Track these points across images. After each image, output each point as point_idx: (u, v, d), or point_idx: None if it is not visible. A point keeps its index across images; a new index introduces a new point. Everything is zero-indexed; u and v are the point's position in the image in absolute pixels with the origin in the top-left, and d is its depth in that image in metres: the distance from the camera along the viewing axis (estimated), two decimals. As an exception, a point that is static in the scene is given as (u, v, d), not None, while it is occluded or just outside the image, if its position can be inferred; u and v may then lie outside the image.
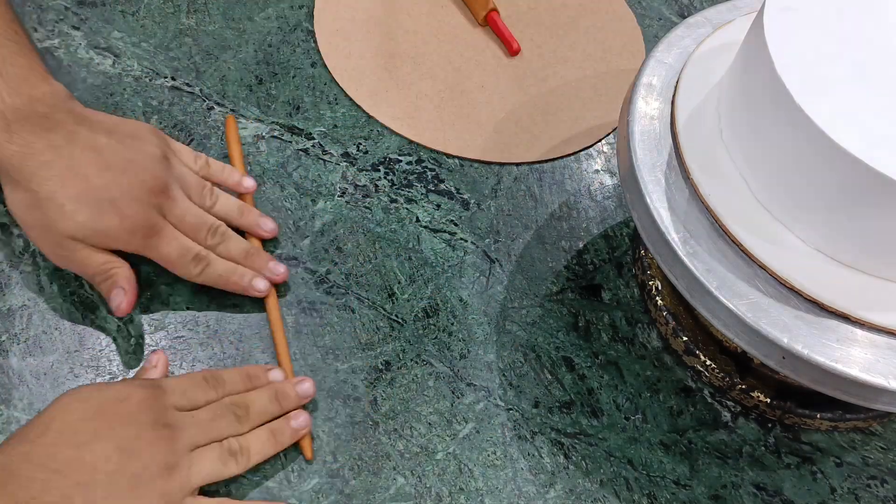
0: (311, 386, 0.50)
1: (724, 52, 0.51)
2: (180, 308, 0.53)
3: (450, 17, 0.72)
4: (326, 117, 0.64)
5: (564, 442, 0.52)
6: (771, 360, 0.44)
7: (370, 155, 0.63)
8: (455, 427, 0.52)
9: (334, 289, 0.56)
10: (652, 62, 0.53)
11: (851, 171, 0.40)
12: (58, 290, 0.53)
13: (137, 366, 0.51)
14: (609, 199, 0.64)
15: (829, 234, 0.44)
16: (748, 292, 0.44)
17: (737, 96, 0.47)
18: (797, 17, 0.45)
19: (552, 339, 0.56)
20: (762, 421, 0.55)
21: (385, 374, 0.53)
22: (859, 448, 0.55)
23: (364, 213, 0.60)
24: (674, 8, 0.77)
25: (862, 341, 0.43)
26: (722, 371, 0.55)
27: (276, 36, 0.68)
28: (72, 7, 0.65)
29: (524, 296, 0.58)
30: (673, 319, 0.56)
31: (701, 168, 0.47)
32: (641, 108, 0.50)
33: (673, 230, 0.46)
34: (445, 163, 0.63)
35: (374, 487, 0.49)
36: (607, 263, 0.60)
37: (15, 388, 0.49)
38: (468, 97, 0.67)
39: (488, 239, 0.60)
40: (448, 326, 0.56)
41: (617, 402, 0.55)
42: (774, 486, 0.53)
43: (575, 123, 0.67)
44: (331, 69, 0.66)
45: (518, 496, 0.50)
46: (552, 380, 0.55)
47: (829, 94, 0.41)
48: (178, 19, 0.67)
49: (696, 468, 0.53)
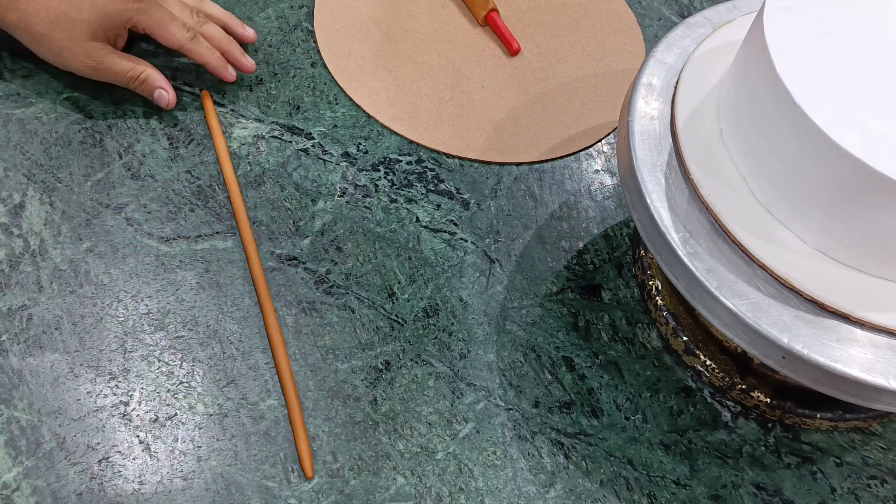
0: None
1: (724, 52, 0.51)
2: (180, 308, 0.53)
3: (450, 17, 0.72)
4: (326, 117, 0.64)
5: (564, 442, 0.53)
6: (771, 360, 0.44)
7: (370, 155, 0.63)
8: (455, 427, 0.52)
9: (334, 289, 0.56)
10: (652, 62, 0.53)
11: (851, 171, 0.40)
12: (58, 290, 0.53)
13: (138, 366, 0.51)
14: (609, 199, 0.64)
15: (829, 234, 0.44)
16: (748, 292, 0.44)
17: (737, 96, 0.47)
18: (797, 17, 0.45)
19: (552, 339, 0.56)
20: (762, 421, 0.55)
21: (385, 374, 0.53)
22: (859, 448, 0.55)
23: (364, 213, 0.60)
24: (674, 8, 0.77)
25: (862, 341, 0.43)
26: (722, 371, 0.55)
27: (276, 36, 0.68)
28: (72, 7, 0.65)
29: (524, 296, 0.58)
30: (673, 319, 0.56)
31: (701, 168, 0.47)
32: (641, 108, 0.50)
33: (673, 230, 0.46)
34: (445, 163, 0.63)
35: (374, 487, 0.49)
36: (607, 263, 0.61)
37: (15, 388, 0.49)
38: (468, 97, 0.67)
39: (488, 239, 0.60)
40: (448, 326, 0.56)
41: (617, 402, 0.55)
42: (774, 486, 0.53)
43: (575, 123, 0.67)
44: (331, 69, 0.66)
45: (518, 496, 0.50)
46: (552, 380, 0.55)
47: (829, 94, 0.41)
48: (178, 19, 0.67)
49: (696, 468, 0.53)
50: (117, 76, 0.58)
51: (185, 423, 0.49)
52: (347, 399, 0.52)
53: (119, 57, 0.58)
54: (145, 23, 0.58)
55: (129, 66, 0.58)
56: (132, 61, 0.58)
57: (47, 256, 0.54)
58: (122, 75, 0.58)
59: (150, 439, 0.49)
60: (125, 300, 0.53)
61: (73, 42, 0.56)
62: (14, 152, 0.57)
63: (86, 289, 0.53)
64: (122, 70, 0.58)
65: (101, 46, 0.57)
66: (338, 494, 0.48)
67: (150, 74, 0.58)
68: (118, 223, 0.56)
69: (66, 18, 0.55)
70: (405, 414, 0.52)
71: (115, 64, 0.57)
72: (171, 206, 0.57)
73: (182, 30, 0.59)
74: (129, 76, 0.58)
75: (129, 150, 0.59)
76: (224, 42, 0.62)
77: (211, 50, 0.60)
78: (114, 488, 0.47)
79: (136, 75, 0.58)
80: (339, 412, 0.51)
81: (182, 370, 0.51)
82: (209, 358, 0.52)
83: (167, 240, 0.56)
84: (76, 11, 0.55)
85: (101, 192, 0.57)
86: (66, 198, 0.56)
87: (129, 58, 0.58)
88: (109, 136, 0.59)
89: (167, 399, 0.50)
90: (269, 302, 0.54)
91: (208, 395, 0.51)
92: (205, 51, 0.60)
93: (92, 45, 0.56)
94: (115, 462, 0.48)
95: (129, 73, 0.58)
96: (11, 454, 0.47)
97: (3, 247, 0.54)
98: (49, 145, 0.58)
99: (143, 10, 0.57)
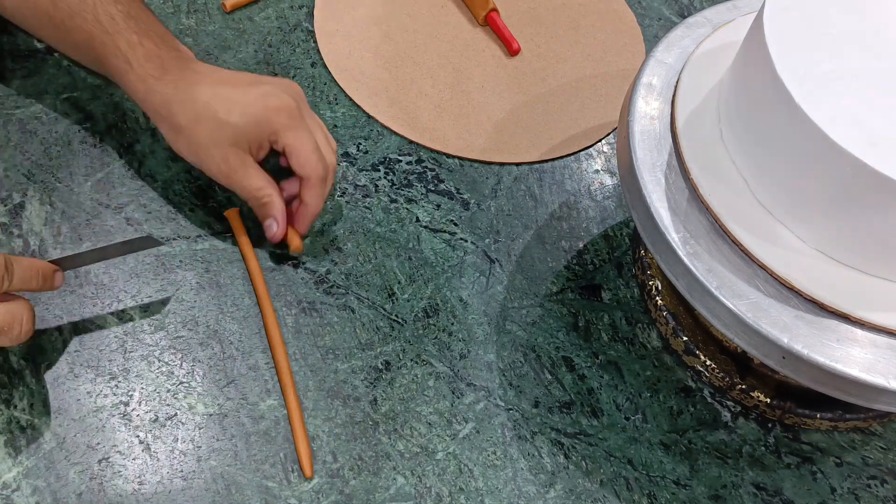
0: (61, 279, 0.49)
1: (724, 52, 0.51)
2: (180, 308, 0.53)
3: (450, 17, 0.72)
4: (326, 117, 0.64)
5: (564, 442, 0.52)
6: (771, 360, 0.44)
7: (370, 155, 0.63)
8: (455, 427, 0.52)
9: (334, 289, 0.56)
10: (652, 62, 0.53)
11: (851, 171, 0.40)
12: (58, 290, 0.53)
13: (138, 366, 0.51)
14: (609, 199, 0.64)
15: (829, 234, 0.44)
16: (748, 292, 0.44)
17: (737, 96, 0.47)
18: (797, 17, 0.45)
19: (552, 339, 0.56)
20: (762, 421, 0.55)
21: (385, 374, 0.53)
22: (859, 448, 0.55)
23: (364, 213, 0.60)
24: (674, 8, 0.77)
25: (862, 341, 0.43)
26: (722, 371, 0.55)
27: (276, 36, 0.68)
28: (72, 7, 0.65)
29: (524, 296, 0.58)
30: (673, 319, 0.56)
31: (701, 168, 0.47)
32: (641, 108, 0.50)
33: (673, 230, 0.46)
34: (445, 163, 0.63)
35: (374, 487, 0.49)
36: (607, 263, 0.60)
37: (15, 388, 0.49)
38: (468, 97, 0.67)
39: (488, 239, 0.60)
40: (448, 326, 0.56)
41: (617, 402, 0.55)
42: (774, 486, 0.53)
43: (575, 123, 0.67)
44: (331, 69, 0.66)
45: (518, 496, 0.50)
46: (552, 380, 0.55)
47: (829, 94, 0.41)
48: (178, 19, 0.67)
49: (696, 468, 0.53)
50: (244, 191, 0.53)
51: (185, 423, 0.49)
52: (347, 399, 0.52)
53: (254, 171, 0.53)
54: (289, 142, 0.52)
55: (259, 186, 0.53)
56: (263, 181, 0.53)
57: (47, 256, 0.54)
58: (248, 192, 0.53)
59: (150, 439, 0.49)
60: (125, 300, 0.53)
61: (213, 143, 0.51)
62: (14, 152, 0.57)
63: (86, 289, 0.53)
64: (252, 187, 0.53)
65: (240, 154, 0.52)
66: (338, 494, 0.48)
67: (273, 201, 0.53)
68: (118, 223, 0.56)
69: (213, 117, 0.51)
70: (405, 414, 0.52)
71: (248, 178, 0.52)
72: (171, 206, 0.57)
73: (319, 165, 0.53)
74: (255, 195, 0.53)
75: (129, 150, 0.59)
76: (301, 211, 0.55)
77: (322, 200, 0.55)
78: (114, 488, 0.47)
79: (260, 196, 0.53)
80: (339, 412, 0.51)
81: (182, 370, 0.51)
82: (209, 358, 0.52)
83: (167, 240, 0.56)
84: (225, 112, 0.51)
85: (101, 192, 0.57)
86: (66, 198, 0.56)
87: (263, 176, 0.53)
88: (109, 136, 0.59)
89: (167, 399, 0.50)
90: (268, 302, 0.54)
91: (208, 395, 0.51)
92: (317, 196, 0.54)
93: (231, 151, 0.52)
94: (115, 462, 0.48)
95: (257, 192, 0.53)
96: (11, 454, 0.47)
97: (3, 247, 0.54)
98: (49, 145, 0.58)
99: (292, 128, 0.52)
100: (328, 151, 0.55)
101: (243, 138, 0.52)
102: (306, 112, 0.55)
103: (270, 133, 0.52)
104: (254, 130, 0.52)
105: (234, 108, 0.51)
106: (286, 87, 0.54)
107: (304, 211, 0.54)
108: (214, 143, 0.51)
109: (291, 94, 0.54)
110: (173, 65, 0.52)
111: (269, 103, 0.52)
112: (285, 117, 0.52)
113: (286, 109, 0.52)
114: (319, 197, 0.54)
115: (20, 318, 0.45)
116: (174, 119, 0.52)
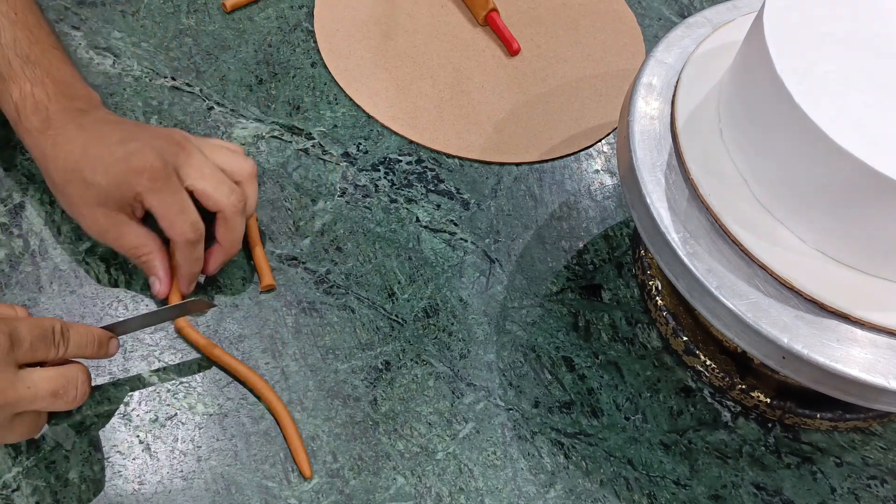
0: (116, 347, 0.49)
1: (724, 52, 0.51)
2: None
3: (450, 17, 0.72)
4: (326, 117, 0.64)
5: (564, 442, 0.52)
6: (771, 360, 0.44)
7: (370, 155, 0.63)
8: (455, 427, 0.52)
9: (334, 289, 0.56)
10: (652, 62, 0.53)
11: (851, 172, 0.40)
12: (58, 290, 0.53)
13: (138, 366, 0.51)
14: (609, 199, 0.64)
15: (829, 234, 0.44)
16: (748, 292, 0.44)
17: (737, 96, 0.47)
18: (797, 17, 0.45)
19: (552, 339, 0.56)
20: (762, 421, 0.55)
21: (385, 374, 0.53)
22: (859, 448, 0.55)
23: (364, 213, 0.60)
24: (674, 8, 0.77)
25: (862, 341, 0.43)
26: (722, 371, 0.55)
27: (276, 36, 0.68)
28: (72, 7, 0.65)
29: (524, 296, 0.58)
30: (673, 319, 0.56)
31: (701, 168, 0.47)
32: (641, 108, 0.50)
33: (673, 230, 0.46)
34: (445, 163, 0.63)
35: (374, 487, 0.49)
36: (607, 263, 0.60)
37: (15, 388, 0.49)
38: (468, 97, 0.67)
39: (488, 239, 0.60)
40: (448, 326, 0.56)
41: (617, 402, 0.55)
42: (774, 486, 0.53)
43: (575, 123, 0.67)
44: (331, 69, 0.66)
45: (518, 496, 0.50)
46: (552, 380, 0.55)
47: (829, 94, 0.41)
48: (178, 19, 0.67)
49: (696, 468, 0.53)
50: (121, 249, 0.52)
51: (185, 423, 0.49)
52: (347, 399, 0.52)
53: (128, 229, 0.51)
54: (153, 205, 0.50)
55: (135, 245, 0.51)
56: (141, 238, 0.51)
57: (47, 256, 0.54)
58: (124, 250, 0.52)
59: (150, 439, 0.49)
60: (125, 300, 0.53)
61: (83, 203, 0.50)
62: (14, 152, 0.57)
63: (86, 289, 0.53)
64: (127, 246, 0.51)
65: (110, 214, 0.50)
66: (338, 494, 0.48)
67: (150, 260, 0.52)
68: (118, 223, 0.56)
69: (80, 177, 0.50)
70: (405, 414, 0.52)
71: (122, 237, 0.51)
72: (171, 206, 0.57)
73: (185, 226, 0.50)
74: (132, 254, 0.52)
75: (129, 150, 0.59)
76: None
77: (196, 262, 0.52)
78: (114, 488, 0.47)
79: (138, 255, 0.51)
80: (339, 412, 0.51)
81: (182, 370, 0.51)
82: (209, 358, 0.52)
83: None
84: (91, 173, 0.49)
85: (101, 192, 0.57)
86: (66, 198, 0.56)
87: (141, 234, 0.51)
88: (109, 136, 0.59)
89: (167, 399, 0.50)
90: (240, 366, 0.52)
91: (208, 395, 0.51)
92: (189, 259, 0.52)
93: (100, 212, 0.50)
94: (115, 462, 0.48)
95: (133, 251, 0.51)
96: (11, 454, 0.47)
97: (3, 247, 0.54)
98: (49, 145, 0.58)
99: (154, 190, 0.49)
100: (225, 190, 0.52)
101: (110, 199, 0.50)
102: (185, 161, 0.51)
103: (134, 195, 0.50)
104: (116, 192, 0.50)
105: (98, 169, 0.49)
106: (159, 143, 0.51)
107: (214, 250, 0.53)
108: (84, 204, 0.50)
109: (161, 150, 0.50)
110: (59, 118, 0.51)
111: (132, 164, 0.49)
112: (147, 179, 0.49)
113: (149, 171, 0.49)
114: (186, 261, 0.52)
115: (75, 381, 0.44)
116: (50, 176, 0.51)
